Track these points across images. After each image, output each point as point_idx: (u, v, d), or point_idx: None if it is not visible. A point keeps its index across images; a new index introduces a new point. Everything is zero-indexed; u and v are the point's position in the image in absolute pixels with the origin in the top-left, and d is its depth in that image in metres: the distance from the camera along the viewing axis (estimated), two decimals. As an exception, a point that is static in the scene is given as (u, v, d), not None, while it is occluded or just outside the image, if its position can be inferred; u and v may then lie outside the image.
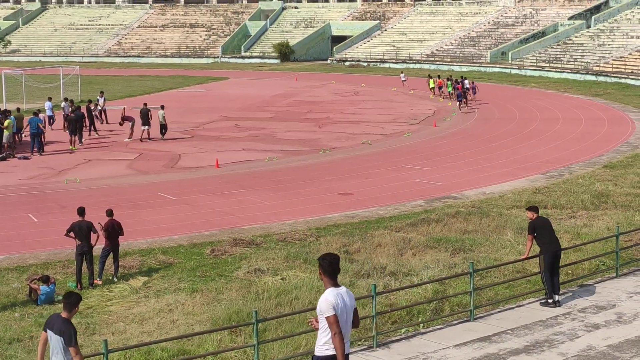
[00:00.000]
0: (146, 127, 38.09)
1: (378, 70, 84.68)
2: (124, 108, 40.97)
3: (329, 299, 8.75)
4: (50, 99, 43.47)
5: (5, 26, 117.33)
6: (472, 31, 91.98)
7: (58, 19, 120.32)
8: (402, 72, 67.40)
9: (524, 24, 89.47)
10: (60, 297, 16.61)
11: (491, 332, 14.11)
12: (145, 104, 39.50)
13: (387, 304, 15.39)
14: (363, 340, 13.76)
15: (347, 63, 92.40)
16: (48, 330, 10.17)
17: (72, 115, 37.38)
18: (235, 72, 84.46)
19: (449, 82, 54.58)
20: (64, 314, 10.13)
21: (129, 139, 38.27)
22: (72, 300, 10.16)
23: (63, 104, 42.24)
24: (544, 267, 15.45)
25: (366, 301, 14.79)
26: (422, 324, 14.52)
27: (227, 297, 16.19)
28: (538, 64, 75.46)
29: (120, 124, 39.36)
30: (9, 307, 16.17)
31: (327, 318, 8.79)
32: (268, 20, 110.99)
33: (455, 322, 14.75)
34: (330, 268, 8.84)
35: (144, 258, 19.44)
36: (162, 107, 39.45)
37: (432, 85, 58.80)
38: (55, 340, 10.05)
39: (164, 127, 38.76)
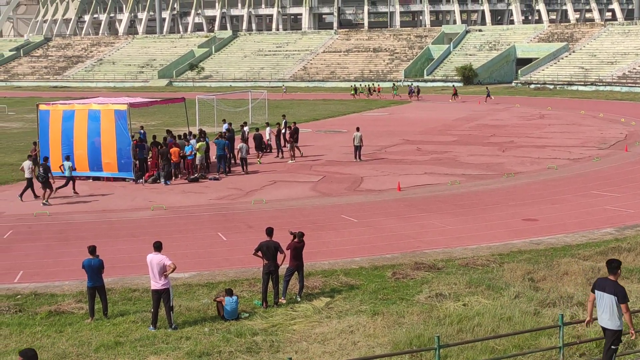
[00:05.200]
0: (295, 143, 41.28)
1: (565, 93, 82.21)
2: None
3: None
4: (224, 121, 45.03)
5: (200, 53, 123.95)
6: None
7: (248, 45, 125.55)
8: (283, 85, 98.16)
9: None
10: (247, 314, 17.16)
11: (691, 371, 13.23)
12: (294, 123, 43.25)
13: (575, 335, 14.77)
14: (549, 372, 13.28)
15: (532, 86, 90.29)
16: (597, 291, 12.15)
17: (257, 133, 41.33)
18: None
19: (396, 86, 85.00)
20: (611, 277, 12.05)
21: (292, 160, 40.18)
22: (614, 265, 12.09)
23: (245, 127, 43.96)
24: None
25: (552, 331, 14.27)
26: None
27: (408, 321, 16.11)
28: None
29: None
30: (199, 321, 16.84)
31: None
32: (451, 43, 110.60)
33: (649, 358, 13.93)
34: None
35: (327, 279, 19.71)
36: (358, 129, 40.59)
37: (352, 91, 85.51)
38: (607, 299, 11.94)
39: (359, 149, 39.70)
